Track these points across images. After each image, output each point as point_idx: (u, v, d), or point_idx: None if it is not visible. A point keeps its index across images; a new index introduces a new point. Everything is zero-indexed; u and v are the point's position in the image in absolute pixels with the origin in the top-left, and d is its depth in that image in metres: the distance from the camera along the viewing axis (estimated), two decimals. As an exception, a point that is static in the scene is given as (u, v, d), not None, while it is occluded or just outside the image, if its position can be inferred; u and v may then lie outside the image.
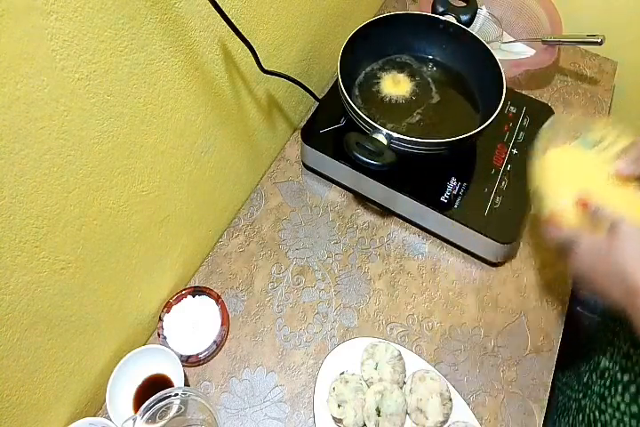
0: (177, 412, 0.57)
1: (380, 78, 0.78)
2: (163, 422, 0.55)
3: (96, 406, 0.63)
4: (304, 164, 0.82)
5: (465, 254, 0.76)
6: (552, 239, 0.54)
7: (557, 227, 0.54)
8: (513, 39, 0.95)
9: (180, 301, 0.69)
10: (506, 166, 0.75)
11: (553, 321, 0.71)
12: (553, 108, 0.83)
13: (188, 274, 0.72)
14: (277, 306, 0.71)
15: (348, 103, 0.67)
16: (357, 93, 0.77)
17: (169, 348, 0.64)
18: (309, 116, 0.80)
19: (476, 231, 0.69)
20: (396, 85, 0.77)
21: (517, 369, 0.68)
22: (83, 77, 0.40)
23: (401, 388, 0.63)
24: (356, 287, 0.73)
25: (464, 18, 0.76)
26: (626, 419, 0.56)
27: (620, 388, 0.58)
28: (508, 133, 0.78)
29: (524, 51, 0.92)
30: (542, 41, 0.87)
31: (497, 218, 0.70)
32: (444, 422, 0.61)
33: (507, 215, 0.70)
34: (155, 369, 0.64)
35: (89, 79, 0.40)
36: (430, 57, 0.81)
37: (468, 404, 0.64)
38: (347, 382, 0.63)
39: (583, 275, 0.51)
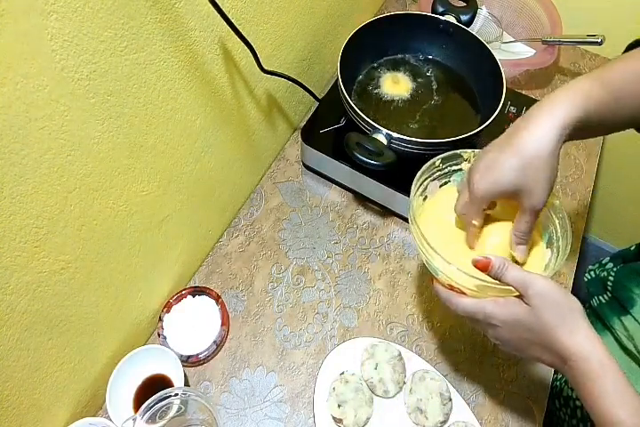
0: (177, 412, 0.57)
1: (379, 78, 0.78)
2: (163, 423, 0.55)
3: (96, 406, 0.63)
4: (304, 164, 0.82)
5: (465, 254, 0.76)
6: (458, 312, 0.49)
7: (461, 300, 0.49)
8: (513, 39, 0.95)
9: (179, 301, 0.69)
10: (506, 166, 0.75)
11: (553, 321, 0.71)
12: (553, 108, 0.83)
13: (187, 274, 0.72)
14: (277, 306, 0.71)
15: (348, 103, 0.67)
16: (357, 93, 0.77)
17: (169, 348, 0.64)
18: (309, 116, 0.80)
19: (476, 231, 0.69)
20: (395, 85, 0.77)
21: (517, 369, 0.68)
22: (83, 77, 0.40)
23: (401, 388, 0.63)
24: (356, 287, 0.73)
25: (464, 18, 0.76)
26: None
27: None
28: (508, 133, 0.78)
29: (524, 51, 0.92)
30: (542, 41, 0.87)
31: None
32: (444, 422, 0.62)
33: (507, 215, 0.70)
34: (155, 369, 0.64)
35: (89, 79, 0.40)
36: (430, 57, 0.81)
37: (468, 404, 0.64)
38: (347, 382, 0.63)
39: (506, 344, 0.48)
